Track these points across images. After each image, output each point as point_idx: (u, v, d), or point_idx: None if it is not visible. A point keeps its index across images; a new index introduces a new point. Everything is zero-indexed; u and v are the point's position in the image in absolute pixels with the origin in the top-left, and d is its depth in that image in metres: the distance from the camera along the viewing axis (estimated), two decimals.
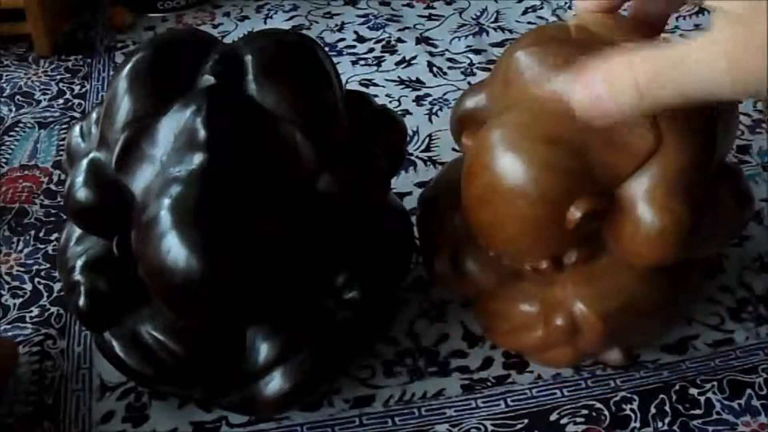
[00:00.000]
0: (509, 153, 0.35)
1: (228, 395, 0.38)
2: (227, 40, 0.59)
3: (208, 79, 0.36)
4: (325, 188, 0.36)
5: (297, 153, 0.35)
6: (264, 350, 0.37)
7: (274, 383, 0.37)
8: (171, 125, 0.35)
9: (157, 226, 0.33)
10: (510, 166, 0.35)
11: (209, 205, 0.34)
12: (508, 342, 0.42)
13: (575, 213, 0.35)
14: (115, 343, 0.37)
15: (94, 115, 0.39)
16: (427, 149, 0.57)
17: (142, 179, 0.35)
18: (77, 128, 0.40)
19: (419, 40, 0.69)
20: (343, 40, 0.69)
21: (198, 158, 0.34)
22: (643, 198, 0.34)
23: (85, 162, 0.37)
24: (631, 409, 0.40)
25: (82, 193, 0.36)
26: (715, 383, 0.41)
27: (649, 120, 0.34)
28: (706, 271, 0.43)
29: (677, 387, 0.41)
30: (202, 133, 0.34)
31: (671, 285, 0.38)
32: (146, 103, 0.36)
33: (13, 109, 0.61)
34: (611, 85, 0.29)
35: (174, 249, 0.33)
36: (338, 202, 0.36)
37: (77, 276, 0.37)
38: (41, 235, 0.50)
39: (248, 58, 0.37)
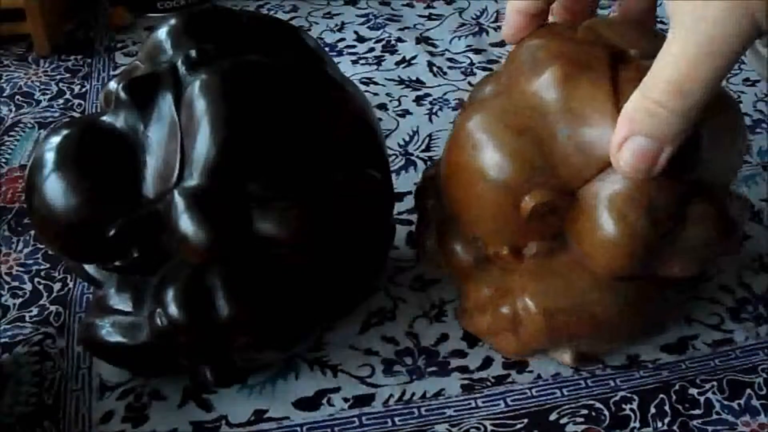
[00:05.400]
0: (479, 135, 0.36)
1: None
2: None
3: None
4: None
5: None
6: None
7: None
8: None
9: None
10: (478, 148, 0.36)
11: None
12: (465, 322, 0.42)
13: (529, 202, 0.35)
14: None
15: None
16: (427, 149, 0.57)
17: None
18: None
19: (419, 40, 0.69)
20: (343, 40, 0.69)
21: None
22: (603, 202, 0.34)
23: None
24: (631, 409, 0.40)
25: None
26: (714, 383, 0.41)
27: (616, 121, 0.34)
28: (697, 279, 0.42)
29: (677, 387, 0.41)
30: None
31: (634, 298, 0.37)
32: None
33: (13, 109, 0.61)
34: (649, 127, 0.28)
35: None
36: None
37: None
38: None
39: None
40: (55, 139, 0.37)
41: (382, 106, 0.61)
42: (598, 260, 0.35)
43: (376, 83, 0.63)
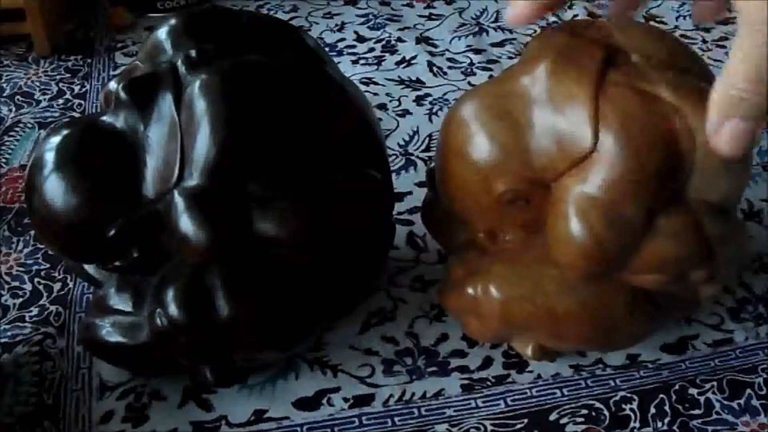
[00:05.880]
0: (465, 115, 0.37)
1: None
2: None
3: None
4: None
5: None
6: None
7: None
8: None
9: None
10: (461, 127, 0.37)
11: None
12: (439, 297, 0.43)
13: (498, 187, 0.36)
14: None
15: None
16: (427, 149, 0.57)
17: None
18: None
19: (419, 40, 0.69)
20: (343, 40, 0.69)
21: None
22: (571, 201, 0.35)
23: None
24: (631, 409, 0.40)
25: None
26: (714, 383, 0.41)
27: (593, 120, 0.34)
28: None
29: (677, 387, 0.41)
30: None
31: (596, 302, 0.37)
32: None
33: (13, 109, 0.61)
34: (742, 110, 0.31)
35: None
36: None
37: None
38: None
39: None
40: (55, 139, 0.37)
41: (382, 106, 0.61)
42: (560, 256, 0.36)
43: (376, 83, 0.63)
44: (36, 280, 0.47)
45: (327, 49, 0.65)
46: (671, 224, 0.35)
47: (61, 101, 0.62)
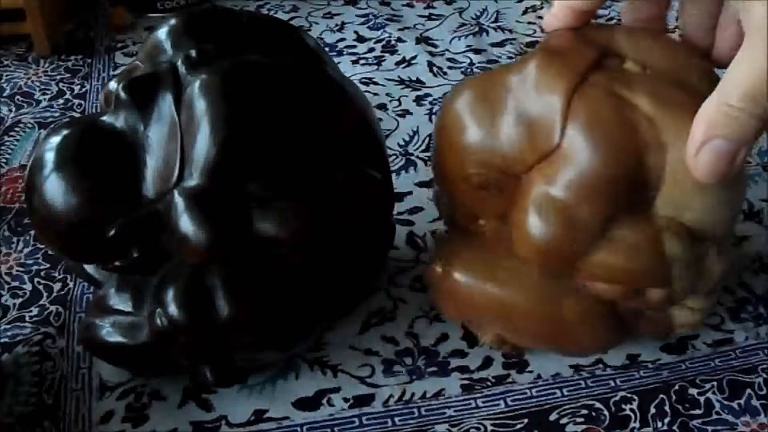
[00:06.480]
0: (454, 97, 0.38)
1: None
2: None
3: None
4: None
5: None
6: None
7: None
8: None
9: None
10: (449, 108, 0.38)
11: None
12: (424, 271, 0.44)
13: (466, 169, 0.37)
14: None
15: None
16: (427, 149, 0.57)
17: None
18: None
19: (419, 40, 0.69)
20: (343, 40, 0.69)
21: None
22: (534, 195, 0.35)
23: None
24: (631, 409, 0.40)
25: None
26: (714, 383, 0.41)
27: (563, 116, 0.34)
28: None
29: (677, 387, 0.41)
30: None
31: (551, 303, 0.38)
32: None
33: (13, 109, 0.61)
34: (729, 130, 0.29)
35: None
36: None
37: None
38: None
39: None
40: (55, 139, 0.37)
41: (382, 106, 0.61)
42: (518, 249, 0.36)
43: (376, 83, 0.63)
44: (36, 280, 0.47)
45: (327, 49, 0.65)
46: (628, 236, 0.35)
47: (61, 101, 0.62)
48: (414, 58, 0.67)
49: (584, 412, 0.40)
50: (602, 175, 0.34)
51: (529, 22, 0.71)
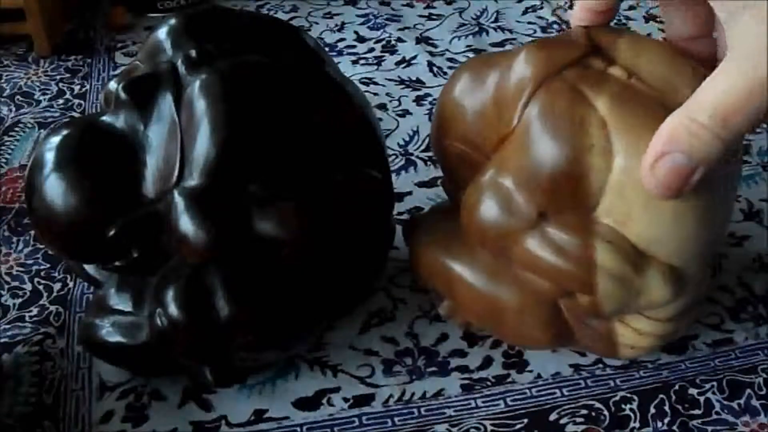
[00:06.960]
0: (462, 67, 0.39)
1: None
2: None
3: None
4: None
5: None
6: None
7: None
8: None
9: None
10: (454, 75, 0.39)
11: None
12: (403, 229, 0.45)
13: (449, 139, 0.38)
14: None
15: None
16: (427, 149, 0.57)
17: None
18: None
19: (419, 40, 0.69)
20: (343, 40, 0.69)
21: None
22: (484, 178, 0.36)
23: None
24: (631, 409, 0.40)
25: None
26: (714, 383, 0.41)
27: (524, 103, 0.34)
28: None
29: (677, 387, 0.41)
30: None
31: (492, 285, 0.38)
32: None
33: (13, 109, 0.61)
34: (690, 147, 0.28)
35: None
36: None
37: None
38: None
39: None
40: (55, 139, 0.37)
41: (382, 106, 0.61)
42: (461, 223, 0.38)
43: (376, 83, 0.64)
44: (36, 280, 0.47)
45: (327, 49, 0.65)
46: (559, 233, 0.34)
47: (61, 101, 0.62)
48: (414, 58, 0.67)
49: (584, 412, 0.40)
50: (542, 165, 0.34)
51: (529, 22, 0.72)
